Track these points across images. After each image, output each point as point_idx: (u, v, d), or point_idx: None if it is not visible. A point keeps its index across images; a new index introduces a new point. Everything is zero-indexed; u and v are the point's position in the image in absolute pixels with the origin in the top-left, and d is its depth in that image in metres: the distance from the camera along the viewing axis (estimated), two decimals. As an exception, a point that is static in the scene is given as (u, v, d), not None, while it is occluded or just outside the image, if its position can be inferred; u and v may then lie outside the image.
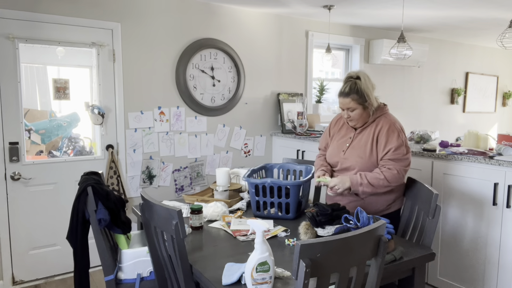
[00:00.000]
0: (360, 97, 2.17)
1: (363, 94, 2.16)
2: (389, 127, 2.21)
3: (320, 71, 4.82)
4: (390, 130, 2.20)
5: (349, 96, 2.18)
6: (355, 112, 2.22)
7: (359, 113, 2.22)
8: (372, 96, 2.20)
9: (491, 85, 6.53)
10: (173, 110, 3.66)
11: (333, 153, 2.38)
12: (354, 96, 2.17)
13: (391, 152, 2.17)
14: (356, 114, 2.22)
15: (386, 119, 2.25)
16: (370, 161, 2.22)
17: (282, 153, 4.15)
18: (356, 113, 2.22)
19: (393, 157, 2.16)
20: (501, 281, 2.61)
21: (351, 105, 2.19)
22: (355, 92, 2.17)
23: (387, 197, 2.26)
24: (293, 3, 3.73)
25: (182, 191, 3.80)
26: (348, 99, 2.19)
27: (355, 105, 2.19)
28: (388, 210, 2.29)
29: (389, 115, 2.30)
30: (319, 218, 1.96)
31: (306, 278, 1.22)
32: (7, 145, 3.00)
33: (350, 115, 2.24)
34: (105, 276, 2.05)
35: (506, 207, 2.54)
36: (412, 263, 1.82)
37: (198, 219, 2.16)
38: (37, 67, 3.30)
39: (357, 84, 2.17)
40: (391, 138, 2.18)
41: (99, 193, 2.02)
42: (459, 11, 3.99)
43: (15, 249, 3.11)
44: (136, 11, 3.41)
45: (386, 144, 2.18)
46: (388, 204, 2.29)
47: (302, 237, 1.97)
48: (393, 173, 2.14)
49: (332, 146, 2.42)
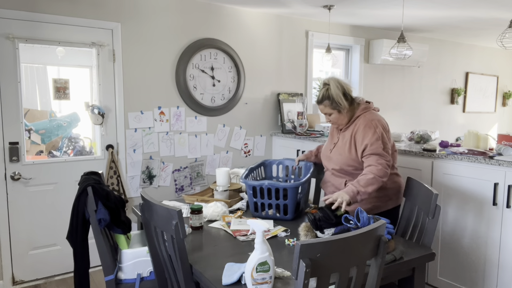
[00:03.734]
0: (332, 102, 2.28)
1: (333, 99, 2.28)
2: (366, 125, 2.27)
3: (320, 71, 4.82)
4: (366, 127, 2.26)
5: (322, 103, 2.32)
6: (333, 116, 2.34)
7: (336, 116, 2.34)
8: (342, 100, 2.27)
9: (491, 85, 6.53)
10: (173, 110, 3.66)
11: (323, 153, 2.54)
12: (326, 102, 2.30)
13: (368, 148, 2.22)
14: (334, 118, 2.35)
15: (365, 117, 2.31)
16: (350, 158, 2.30)
17: (282, 153, 4.15)
18: (333, 117, 2.34)
19: (371, 152, 2.21)
20: (501, 281, 2.61)
21: (326, 110, 2.33)
22: (326, 98, 2.29)
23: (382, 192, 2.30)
24: (293, 3, 3.73)
25: (182, 191, 3.80)
26: (321, 105, 2.33)
27: (330, 110, 2.32)
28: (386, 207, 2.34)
29: (370, 113, 2.33)
30: (321, 223, 1.96)
31: (306, 278, 1.22)
32: (7, 145, 3.00)
33: (330, 119, 2.38)
34: (105, 276, 2.06)
35: (506, 207, 2.54)
36: (412, 263, 1.82)
37: (198, 219, 2.16)
38: (37, 67, 3.30)
39: (328, 91, 2.29)
40: (367, 134, 2.24)
41: (99, 193, 2.02)
42: (459, 11, 3.99)
43: (15, 249, 3.11)
44: (136, 11, 3.41)
45: (362, 140, 2.25)
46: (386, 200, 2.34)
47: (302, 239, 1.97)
48: (378, 168, 2.16)
49: (326, 143, 2.57)
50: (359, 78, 4.91)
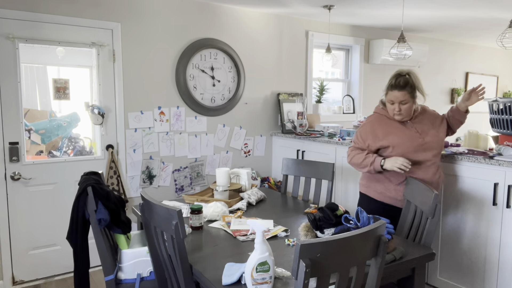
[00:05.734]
0: (413, 90, 2.33)
1: (416, 88, 2.34)
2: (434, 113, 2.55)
3: (320, 71, 4.82)
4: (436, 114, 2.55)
5: (404, 89, 2.31)
6: (407, 105, 2.34)
7: (409, 106, 2.36)
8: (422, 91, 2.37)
9: (491, 85, 6.53)
10: (173, 110, 3.66)
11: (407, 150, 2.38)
12: (408, 89, 2.31)
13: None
14: (407, 107, 2.35)
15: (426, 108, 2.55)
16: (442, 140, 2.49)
17: (282, 153, 4.15)
18: (407, 106, 2.35)
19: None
20: (501, 281, 2.61)
21: (404, 97, 2.32)
22: (409, 85, 2.31)
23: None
24: (293, 3, 3.73)
25: (182, 191, 3.80)
26: (401, 92, 2.31)
27: (408, 98, 2.33)
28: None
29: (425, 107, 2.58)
30: (321, 223, 1.96)
31: (306, 278, 1.22)
32: (7, 145, 3.00)
33: (401, 108, 2.35)
34: (105, 276, 2.06)
35: (506, 207, 2.54)
36: (412, 263, 1.82)
37: (198, 219, 2.16)
38: (37, 67, 3.30)
39: (411, 79, 2.33)
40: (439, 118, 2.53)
41: (99, 193, 2.02)
42: (459, 11, 3.99)
43: (15, 249, 3.11)
44: (136, 11, 3.41)
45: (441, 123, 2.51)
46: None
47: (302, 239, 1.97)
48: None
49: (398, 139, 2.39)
50: (359, 78, 4.91)
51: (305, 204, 2.67)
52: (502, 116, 2.91)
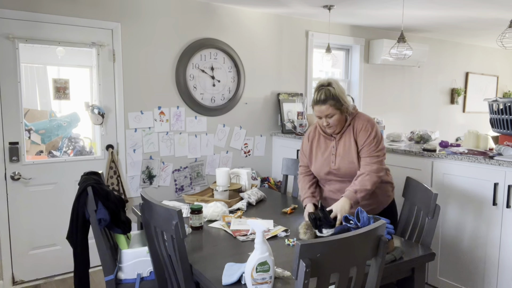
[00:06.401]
0: (337, 102, 2.19)
1: (338, 99, 2.19)
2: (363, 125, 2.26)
3: (320, 71, 4.82)
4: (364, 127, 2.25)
5: (327, 103, 2.19)
6: (334, 118, 2.22)
7: (337, 118, 2.23)
8: (346, 100, 2.24)
9: (491, 85, 6.53)
10: (173, 110, 3.66)
11: (322, 166, 2.35)
12: (331, 102, 2.19)
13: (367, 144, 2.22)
14: (335, 120, 2.23)
15: (360, 119, 2.29)
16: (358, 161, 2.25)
17: (282, 153, 4.15)
18: (334, 119, 2.23)
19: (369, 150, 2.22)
20: (501, 281, 2.61)
21: (330, 111, 2.20)
22: (331, 98, 2.19)
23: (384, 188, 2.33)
24: (293, 3, 3.73)
25: (182, 191, 3.80)
26: (325, 105, 2.20)
27: (333, 110, 2.21)
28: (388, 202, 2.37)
29: (362, 114, 2.33)
30: (320, 223, 1.97)
31: (306, 278, 1.22)
32: (7, 145, 3.00)
33: (329, 122, 2.24)
34: (105, 276, 2.06)
35: (506, 207, 2.54)
36: (412, 263, 1.82)
37: (198, 219, 2.16)
38: (37, 67, 3.30)
39: (331, 90, 2.20)
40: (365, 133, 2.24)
41: (99, 193, 2.02)
42: (459, 11, 3.99)
43: (15, 249, 3.11)
44: (136, 11, 3.41)
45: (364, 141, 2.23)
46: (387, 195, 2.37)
47: (301, 237, 1.97)
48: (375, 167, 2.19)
49: (317, 160, 2.38)
50: (359, 78, 4.91)
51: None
52: (502, 116, 2.92)
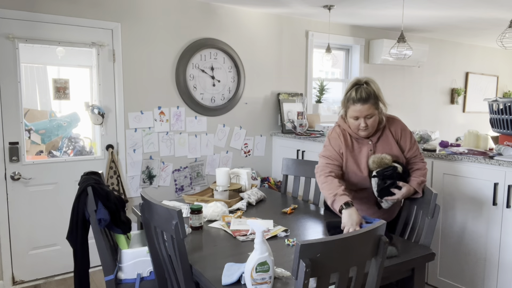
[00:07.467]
0: (376, 101, 2.07)
1: (378, 98, 2.07)
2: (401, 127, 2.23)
3: (320, 71, 4.82)
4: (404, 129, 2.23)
5: (368, 102, 2.04)
6: (373, 119, 2.08)
7: (375, 119, 2.09)
8: (384, 100, 2.12)
9: (491, 85, 6.53)
10: (173, 110, 3.66)
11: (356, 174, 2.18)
12: (372, 101, 2.05)
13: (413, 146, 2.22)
14: (373, 121, 2.09)
15: (395, 120, 2.24)
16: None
17: (282, 153, 4.15)
18: (373, 120, 2.08)
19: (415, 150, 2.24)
20: (501, 281, 2.61)
21: (371, 111, 2.05)
22: (373, 96, 2.05)
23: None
24: (293, 3, 3.73)
25: (182, 191, 3.80)
26: (367, 104, 2.04)
27: (374, 110, 2.07)
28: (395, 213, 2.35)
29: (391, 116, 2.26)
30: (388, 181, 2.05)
31: (306, 278, 1.22)
32: (7, 145, 3.00)
33: (367, 123, 2.08)
34: (105, 276, 2.06)
35: (506, 207, 2.54)
36: (412, 263, 1.82)
37: (198, 219, 2.16)
38: (37, 67, 3.30)
39: (371, 89, 2.06)
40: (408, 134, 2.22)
41: (99, 193, 2.02)
42: (459, 11, 3.99)
43: (15, 249, 3.11)
44: (136, 11, 3.41)
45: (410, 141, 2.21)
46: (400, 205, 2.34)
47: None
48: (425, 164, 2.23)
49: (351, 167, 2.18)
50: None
51: (305, 204, 2.67)
52: (502, 116, 2.91)
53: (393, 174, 2.06)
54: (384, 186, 2.06)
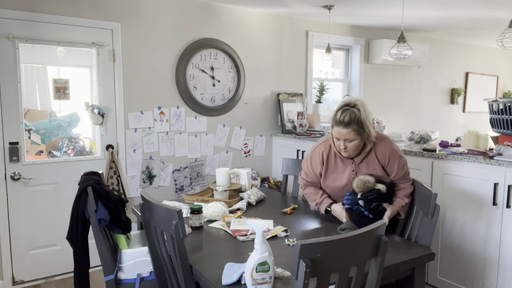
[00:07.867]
0: (360, 127, 2.05)
1: (362, 124, 2.04)
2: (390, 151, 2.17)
3: (320, 71, 4.82)
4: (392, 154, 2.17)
5: (349, 127, 2.04)
6: (353, 144, 2.09)
7: (356, 144, 2.09)
8: (370, 126, 2.08)
9: (491, 85, 6.53)
10: (173, 110, 3.66)
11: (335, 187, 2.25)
12: (354, 126, 2.04)
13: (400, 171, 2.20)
14: (353, 145, 2.09)
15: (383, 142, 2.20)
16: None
17: (282, 153, 4.15)
18: (353, 144, 2.09)
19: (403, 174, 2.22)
20: (501, 281, 2.61)
21: (351, 136, 2.06)
22: (355, 122, 2.03)
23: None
24: (293, 3, 3.73)
25: (182, 191, 3.80)
26: (347, 129, 2.05)
27: (355, 136, 2.06)
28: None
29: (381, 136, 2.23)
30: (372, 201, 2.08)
31: (306, 278, 1.22)
32: (7, 145, 3.00)
33: (346, 146, 2.10)
34: (105, 276, 2.06)
35: (506, 207, 2.54)
36: (412, 263, 1.82)
37: (198, 219, 2.16)
38: (37, 67, 3.29)
39: (356, 113, 2.04)
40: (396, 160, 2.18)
41: (99, 193, 2.02)
42: (459, 11, 3.99)
43: (15, 249, 3.11)
44: (136, 11, 3.41)
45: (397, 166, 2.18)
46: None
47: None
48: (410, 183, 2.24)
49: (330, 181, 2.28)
50: (359, 78, 4.91)
51: (305, 204, 2.67)
52: (502, 116, 2.92)
53: (377, 197, 2.08)
54: (371, 208, 2.09)
